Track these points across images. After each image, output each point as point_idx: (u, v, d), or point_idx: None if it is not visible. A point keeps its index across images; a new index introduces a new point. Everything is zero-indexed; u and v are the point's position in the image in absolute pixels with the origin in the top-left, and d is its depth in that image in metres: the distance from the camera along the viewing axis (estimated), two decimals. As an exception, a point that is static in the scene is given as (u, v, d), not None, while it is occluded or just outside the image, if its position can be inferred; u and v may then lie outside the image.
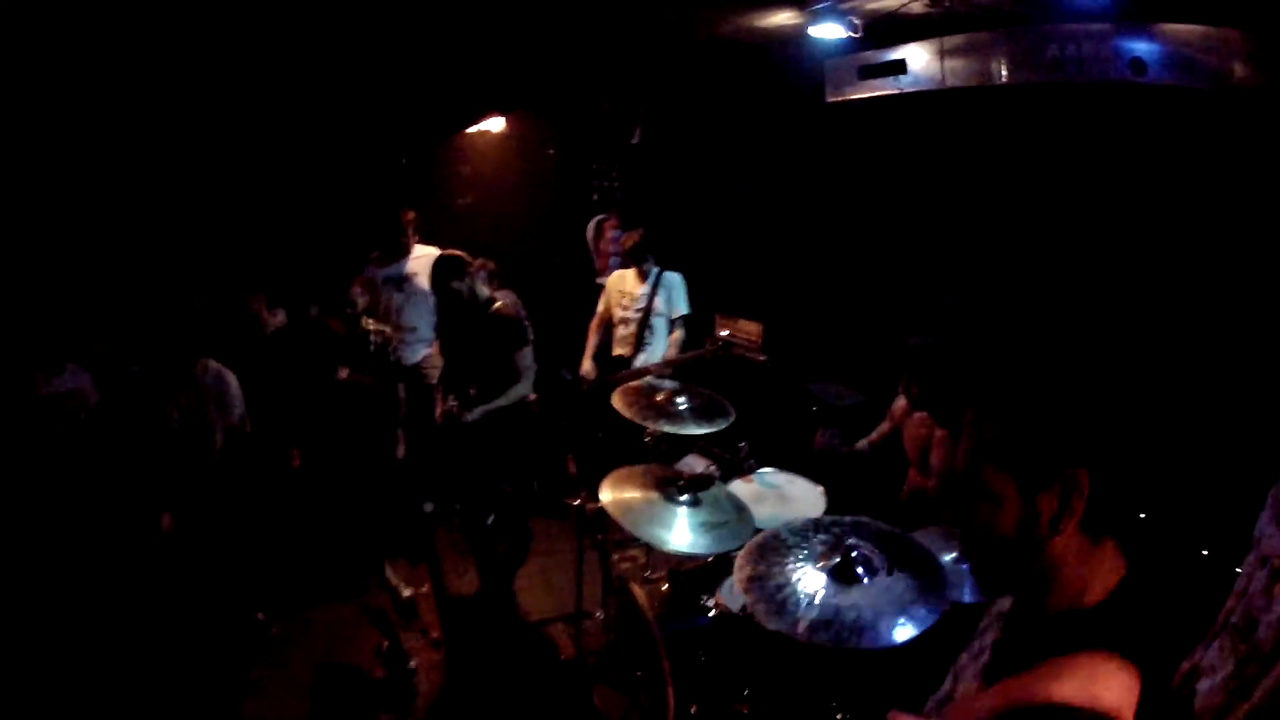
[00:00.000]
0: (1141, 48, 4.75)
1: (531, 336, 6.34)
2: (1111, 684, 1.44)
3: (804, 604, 3.08)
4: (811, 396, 6.98)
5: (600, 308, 7.92)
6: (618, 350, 7.78)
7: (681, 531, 4.25)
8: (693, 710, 3.96)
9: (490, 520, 6.63)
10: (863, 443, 5.37)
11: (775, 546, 3.42)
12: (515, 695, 5.47)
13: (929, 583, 3.15)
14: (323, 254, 7.98)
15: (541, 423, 7.14)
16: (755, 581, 3.26)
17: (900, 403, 5.04)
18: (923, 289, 6.55)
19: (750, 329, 7.66)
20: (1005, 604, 1.86)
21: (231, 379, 5.82)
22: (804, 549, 3.36)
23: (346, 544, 6.63)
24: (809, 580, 3.18)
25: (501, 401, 6.12)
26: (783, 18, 6.53)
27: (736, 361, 7.42)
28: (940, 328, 4.94)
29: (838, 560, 3.19)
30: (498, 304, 6.33)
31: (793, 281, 7.95)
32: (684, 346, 7.66)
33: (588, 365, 7.79)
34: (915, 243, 6.85)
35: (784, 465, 5.48)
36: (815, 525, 3.54)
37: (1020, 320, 5.71)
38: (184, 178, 7.92)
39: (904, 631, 2.95)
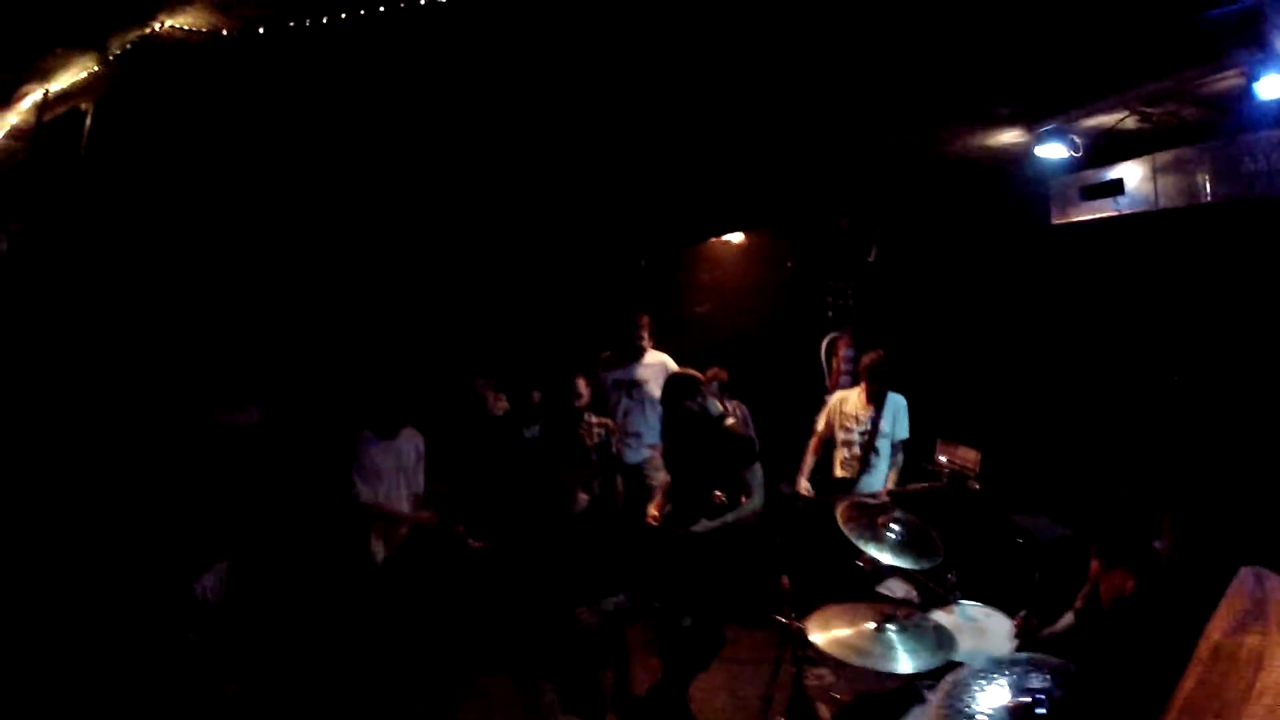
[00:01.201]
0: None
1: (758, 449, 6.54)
2: None
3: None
4: (1017, 529, 6.79)
5: (820, 426, 7.85)
6: (840, 472, 7.68)
7: (892, 657, 4.38)
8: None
9: (687, 623, 6.80)
10: (1067, 617, 5.26)
11: (965, 687, 3.54)
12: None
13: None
14: (551, 345, 8.60)
15: (758, 536, 7.28)
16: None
17: (1094, 564, 4.97)
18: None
19: (969, 456, 7.46)
20: None
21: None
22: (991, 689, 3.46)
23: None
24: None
25: (730, 517, 6.30)
26: (1009, 136, 6.72)
27: (952, 489, 7.36)
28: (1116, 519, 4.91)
29: (1025, 701, 3.28)
30: (730, 421, 6.57)
31: (1010, 408, 7.85)
32: (901, 471, 7.64)
33: (804, 484, 7.71)
34: (1134, 375, 6.67)
35: (987, 598, 5.50)
36: (1000, 665, 3.63)
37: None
38: (434, 259, 8.78)
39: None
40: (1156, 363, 6.57)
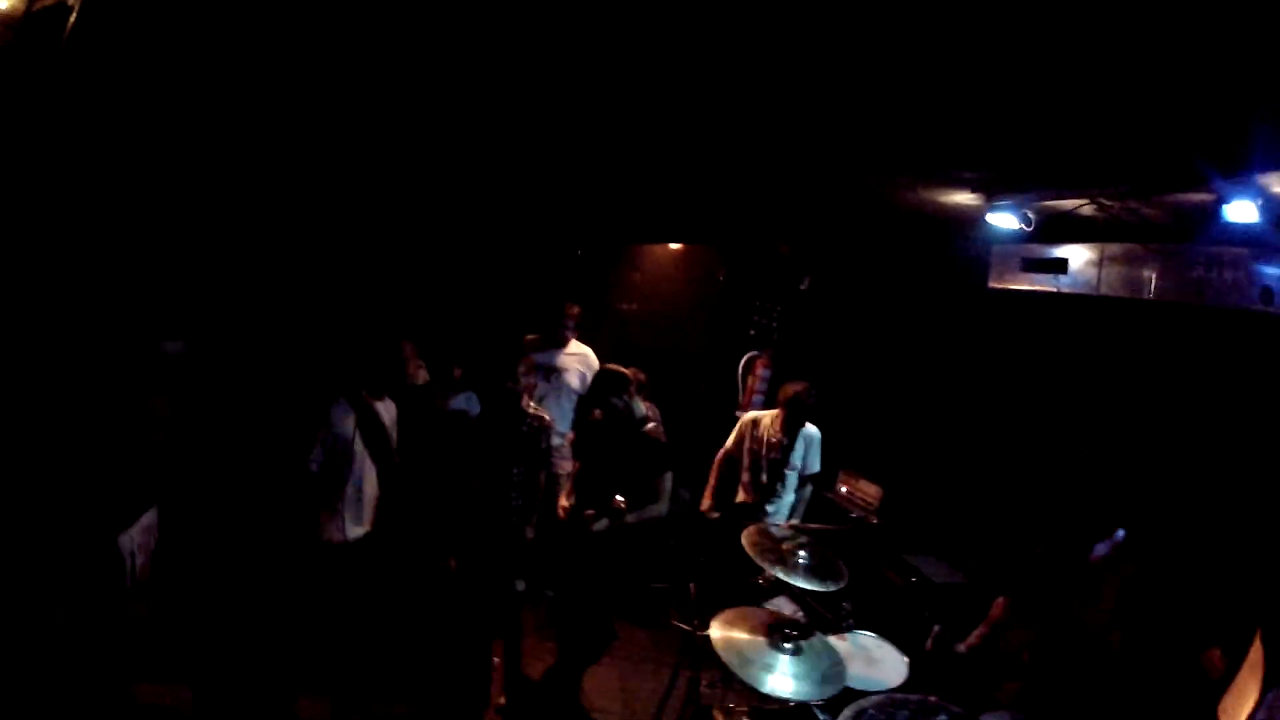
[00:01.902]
0: (1272, 274, 5.05)
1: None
2: None
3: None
4: (910, 568, 7.15)
5: (730, 444, 7.83)
6: (742, 496, 7.69)
7: (779, 676, 4.61)
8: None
9: (580, 614, 6.99)
10: (960, 646, 5.63)
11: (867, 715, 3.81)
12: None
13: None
14: (478, 324, 8.65)
15: (657, 539, 7.46)
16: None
17: (998, 606, 5.30)
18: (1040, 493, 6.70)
19: (870, 490, 7.81)
20: None
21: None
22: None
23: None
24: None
25: (632, 519, 6.46)
26: (964, 198, 6.95)
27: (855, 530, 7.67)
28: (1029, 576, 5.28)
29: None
30: (651, 425, 6.72)
31: (919, 452, 8.07)
32: (808, 504, 7.77)
33: (708, 503, 7.77)
34: (1045, 444, 7.05)
35: (877, 629, 5.85)
36: (898, 700, 3.91)
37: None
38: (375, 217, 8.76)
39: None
40: (1067, 434, 6.91)
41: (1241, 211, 4.87)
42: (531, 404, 7.01)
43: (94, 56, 5.97)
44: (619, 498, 6.40)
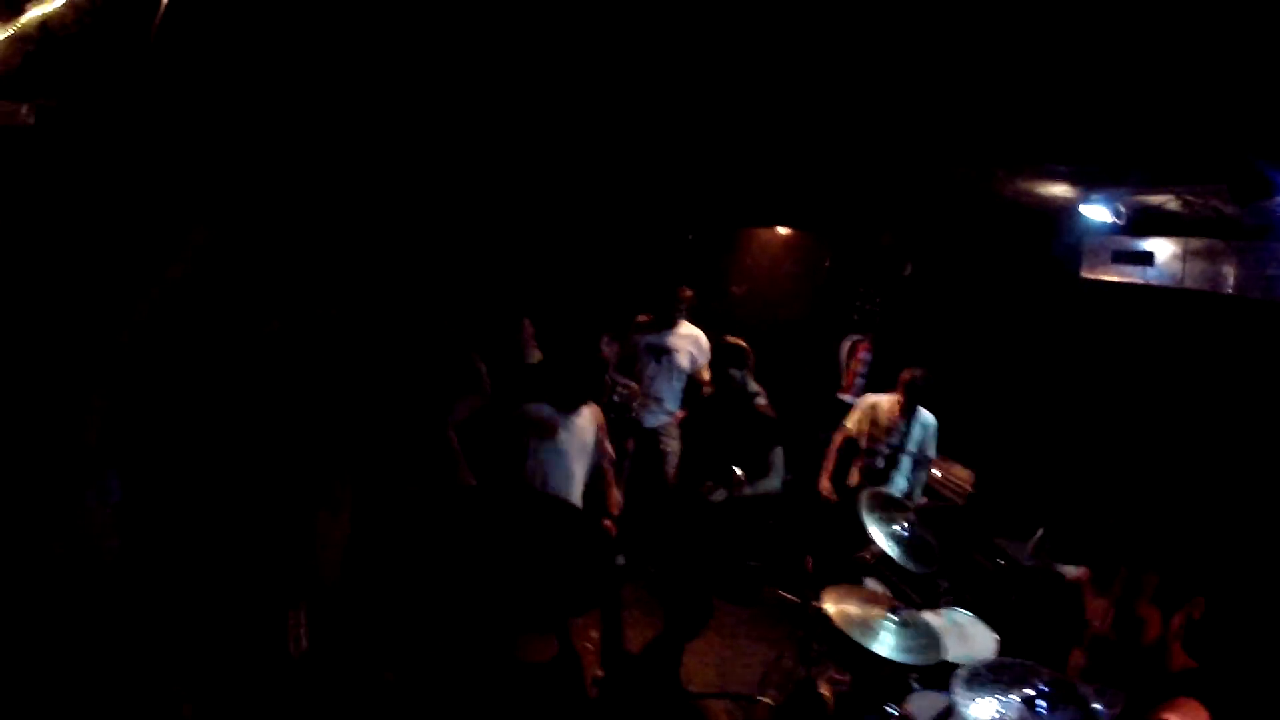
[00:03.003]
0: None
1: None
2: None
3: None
4: (999, 551, 7.28)
5: (850, 424, 7.92)
6: (857, 478, 7.74)
7: (887, 643, 4.96)
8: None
9: (683, 588, 7.29)
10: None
11: (979, 678, 4.15)
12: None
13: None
14: (594, 306, 8.95)
15: (759, 518, 7.68)
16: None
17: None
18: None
19: (962, 475, 8.00)
20: None
21: None
22: (997, 682, 4.07)
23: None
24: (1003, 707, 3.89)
25: (749, 491, 6.71)
26: (1059, 190, 7.10)
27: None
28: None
29: (1029, 693, 3.84)
30: (761, 401, 6.96)
31: (1011, 437, 8.14)
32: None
33: (826, 484, 7.82)
34: (1132, 432, 7.15)
35: (969, 607, 6.13)
36: (1004, 664, 4.23)
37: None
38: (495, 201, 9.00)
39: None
40: (1155, 425, 6.97)
41: (1310, 213, 5.02)
42: (617, 376, 7.31)
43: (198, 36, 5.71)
44: (738, 470, 6.64)
